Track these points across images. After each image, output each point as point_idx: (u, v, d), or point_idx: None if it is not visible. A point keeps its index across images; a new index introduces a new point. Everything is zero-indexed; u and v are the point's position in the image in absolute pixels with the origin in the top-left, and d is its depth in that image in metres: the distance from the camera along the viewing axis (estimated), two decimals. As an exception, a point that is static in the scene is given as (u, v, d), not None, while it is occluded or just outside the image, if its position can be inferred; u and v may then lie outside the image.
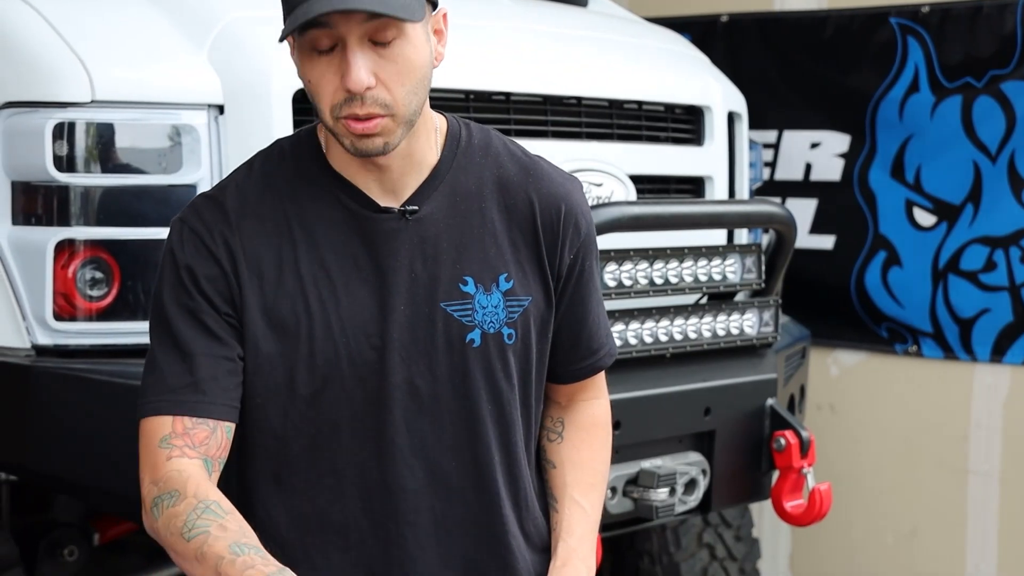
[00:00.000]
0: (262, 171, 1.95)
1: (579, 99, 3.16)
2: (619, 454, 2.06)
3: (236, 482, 1.97)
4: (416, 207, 1.92)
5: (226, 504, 1.84)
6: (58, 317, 2.69)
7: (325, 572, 1.96)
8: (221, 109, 2.74)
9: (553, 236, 1.99)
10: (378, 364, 1.91)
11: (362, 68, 1.78)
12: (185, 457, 1.86)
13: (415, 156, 1.92)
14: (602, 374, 2.18)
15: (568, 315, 2.05)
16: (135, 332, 2.71)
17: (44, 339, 2.69)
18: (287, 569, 1.74)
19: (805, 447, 3.20)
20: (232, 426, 1.91)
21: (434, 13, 1.90)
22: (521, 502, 2.04)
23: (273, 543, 1.91)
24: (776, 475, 3.26)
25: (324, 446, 1.93)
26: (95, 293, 2.70)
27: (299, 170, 1.94)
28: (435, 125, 1.96)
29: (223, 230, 1.90)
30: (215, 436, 1.89)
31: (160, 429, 1.88)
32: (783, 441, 3.20)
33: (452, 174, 1.95)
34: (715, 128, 3.43)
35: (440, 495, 1.97)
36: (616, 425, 2.81)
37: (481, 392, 1.96)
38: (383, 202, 1.92)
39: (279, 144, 1.99)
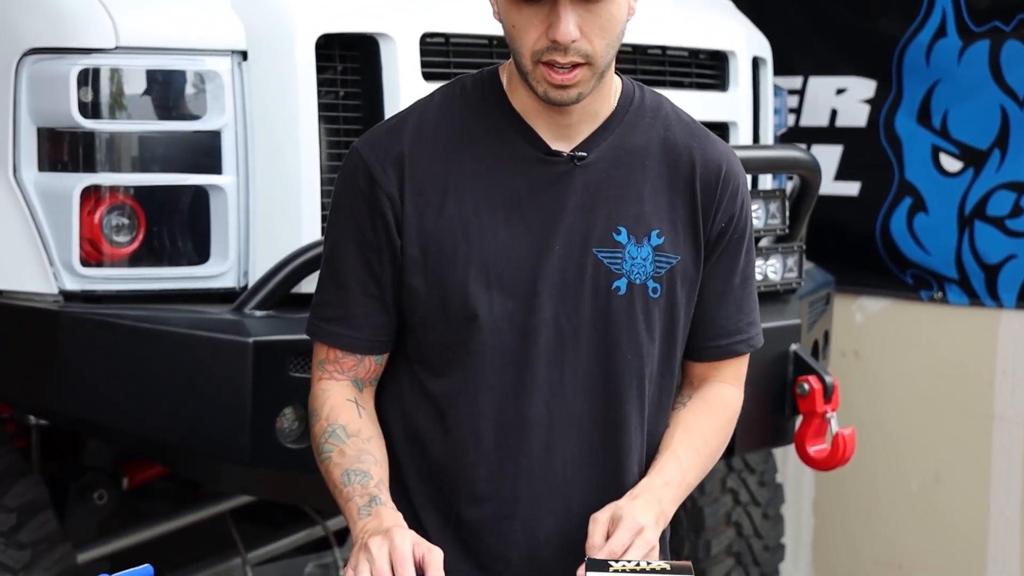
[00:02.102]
0: (443, 103, 2.03)
1: None
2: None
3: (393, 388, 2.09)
4: (585, 153, 1.98)
5: (353, 426, 2.00)
6: (85, 263, 2.71)
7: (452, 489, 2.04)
8: (244, 55, 2.75)
9: (710, 197, 2.04)
10: (528, 299, 1.98)
11: (571, 22, 1.85)
12: (333, 380, 2.04)
13: (592, 106, 1.99)
14: (741, 365, 2.18)
15: (710, 286, 2.08)
16: (161, 278, 2.74)
17: (71, 285, 2.72)
18: (380, 500, 1.91)
19: (829, 392, 3.20)
20: (383, 356, 2.06)
21: None
22: (650, 459, 2.08)
23: (407, 461, 2.05)
24: (799, 420, 3.27)
25: (469, 374, 2.00)
26: (121, 239, 2.72)
27: (479, 106, 2.01)
28: (614, 81, 2.03)
29: (396, 158, 1.97)
30: (363, 364, 2.05)
31: (319, 352, 2.06)
32: (807, 386, 3.20)
33: (622, 128, 2.02)
34: (739, 73, 3.40)
35: (570, 436, 2.02)
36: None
37: (622, 340, 2.01)
38: (555, 145, 1.99)
39: (461, 80, 2.06)
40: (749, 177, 3.36)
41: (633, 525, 1.91)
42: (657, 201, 2.02)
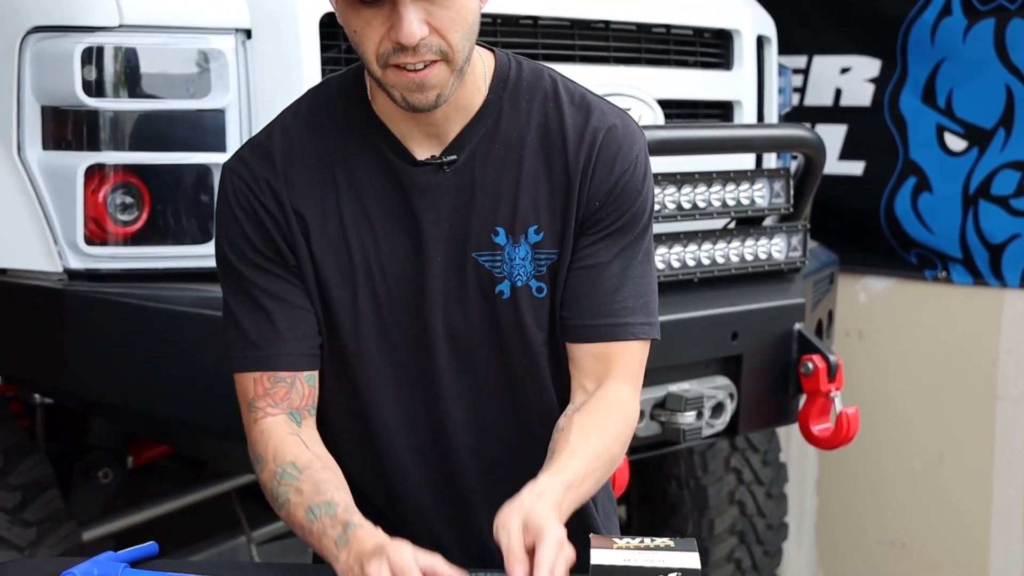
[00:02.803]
0: (307, 114, 1.94)
1: (607, 23, 3.14)
2: (647, 378, 2.06)
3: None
4: (454, 156, 1.89)
5: (302, 460, 1.88)
6: (89, 241, 2.71)
7: (395, 516, 2.00)
8: (248, 33, 2.74)
9: (584, 170, 1.90)
10: (419, 313, 1.92)
11: (414, 20, 1.73)
12: (268, 417, 1.93)
13: (460, 101, 1.88)
14: (629, 359, 1.97)
15: (582, 265, 1.92)
16: (166, 256, 2.74)
17: (76, 263, 2.72)
18: (354, 524, 1.78)
19: (833, 371, 3.20)
20: (314, 373, 1.95)
21: None
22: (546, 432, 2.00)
23: (352, 484, 1.94)
24: (803, 399, 3.27)
25: (371, 397, 1.95)
26: (126, 218, 2.72)
27: (344, 114, 1.92)
28: (482, 63, 1.91)
29: (270, 180, 1.90)
30: (295, 389, 1.94)
31: (247, 390, 1.94)
32: (811, 365, 3.20)
33: (495, 119, 1.91)
34: (744, 52, 3.40)
35: (488, 442, 1.99)
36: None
37: (514, 343, 1.95)
38: (423, 149, 1.91)
39: (327, 84, 1.99)
40: (752, 156, 3.40)
41: (554, 540, 1.70)
42: (535, 192, 1.91)
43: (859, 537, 4.62)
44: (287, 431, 1.92)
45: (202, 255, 2.76)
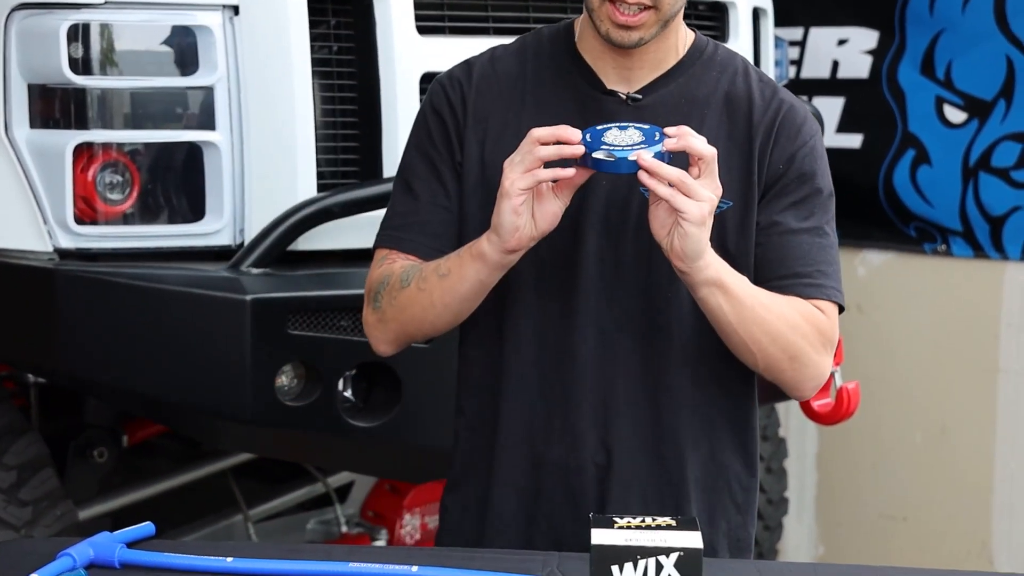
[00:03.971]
0: (518, 46, 2.08)
1: None
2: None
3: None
4: (640, 96, 1.98)
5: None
6: (79, 221, 2.70)
7: (495, 423, 2.05)
8: (236, 10, 2.74)
9: (766, 138, 1.99)
10: (573, 231, 1.98)
11: None
12: (396, 263, 2.03)
13: (656, 54, 2.00)
14: (827, 326, 2.00)
15: (769, 230, 2.00)
16: (156, 235, 2.74)
17: (66, 242, 2.71)
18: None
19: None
20: None
21: None
22: (691, 407, 2.03)
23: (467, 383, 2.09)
24: (802, 374, 3.24)
25: (511, 302, 2.01)
26: (115, 196, 2.72)
27: (548, 50, 2.05)
28: (684, 34, 2.04)
29: (464, 85, 2.04)
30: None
31: (380, 255, 2.06)
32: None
33: (686, 78, 2.02)
34: (740, 25, 3.37)
35: (607, 372, 2.01)
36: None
37: (663, 280, 1.98)
38: (614, 86, 2.00)
39: (541, 30, 2.10)
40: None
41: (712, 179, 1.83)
42: (713, 146, 1.94)
43: (860, 511, 4.61)
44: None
45: (193, 233, 2.77)
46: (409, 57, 2.77)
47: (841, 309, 2.04)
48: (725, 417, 2.07)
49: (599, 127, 1.85)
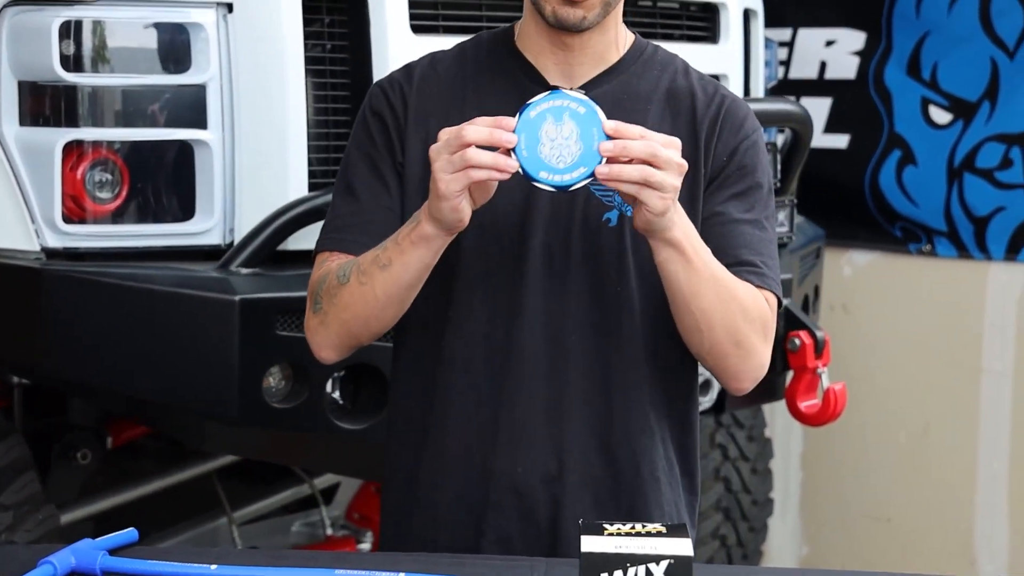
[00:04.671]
0: (458, 49, 2.10)
1: None
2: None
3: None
4: (583, 90, 1.96)
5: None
6: (67, 220, 2.68)
7: (443, 421, 2.02)
8: (230, 7, 2.72)
9: (710, 131, 2.00)
10: (518, 226, 1.97)
11: None
12: (333, 263, 2.02)
13: (598, 49, 2.01)
14: (767, 315, 2.00)
15: (711, 220, 2.00)
16: (145, 235, 2.72)
17: (54, 242, 2.69)
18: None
19: (820, 347, 3.19)
20: None
21: None
22: (644, 406, 2.02)
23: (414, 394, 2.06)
24: (790, 375, 3.25)
25: (455, 302, 2.00)
26: (104, 195, 2.69)
27: (488, 51, 2.07)
28: (624, 33, 2.06)
29: (404, 86, 2.05)
30: None
31: (320, 259, 2.05)
32: (797, 341, 3.18)
33: (627, 75, 2.03)
34: (731, 26, 3.37)
35: (557, 366, 1.99)
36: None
37: (611, 272, 1.98)
38: (556, 83, 1.99)
39: (480, 34, 2.12)
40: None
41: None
42: None
43: (844, 512, 4.62)
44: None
45: (183, 233, 2.74)
46: (403, 56, 2.63)
47: (780, 304, 2.04)
48: (674, 417, 2.07)
49: (532, 114, 1.80)
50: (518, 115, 1.81)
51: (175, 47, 2.70)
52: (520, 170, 1.81)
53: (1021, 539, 4.28)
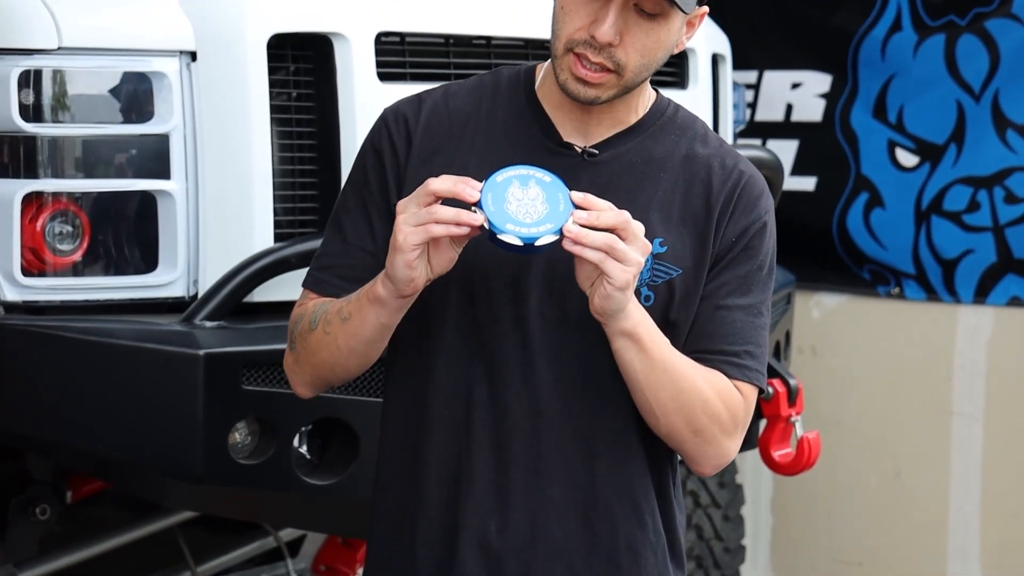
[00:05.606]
0: (474, 83, 2.03)
1: None
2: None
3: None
4: (596, 152, 1.94)
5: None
6: (27, 272, 2.63)
7: (420, 472, 1.98)
8: (193, 56, 2.69)
9: (725, 205, 1.95)
10: (515, 288, 1.92)
11: (615, 26, 1.84)
12: (310, 303, 1.99)
13: (616, 113, 1.96)
14: (741, 408, 1.96)
15: (705, 301, 1.96)
16: (106, 287, 2.68)
17: (12, 295, 2.63)
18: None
19: (793, 395, 3.16)
20: None
21: (699, 8, 1.93)
22: (626, 475, 1.96)
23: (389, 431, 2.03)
24: (763, 424, 3.22)
25: (444, 357, 1.95)
26: (64, 247, 2.65)
27: (506, 92, 2.01)
28: (646, 94, 2.00)
29: (410, 121, 1.98)
30: None
31: (303, 294, 2.01)
32: (770, 389, 3.15)
33: (644, 138, 1.98)
34: (699, 71, 3.35)
35: (538, 431, 1.94)
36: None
37: (602, 339, 1.91)
38: (570, 139, 1.96)
39: (499, 70, 2.05)
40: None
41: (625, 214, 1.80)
42: (667, 213, 1.95)
43: (815, 556, 4.62)
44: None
45: (146, 285, 2.71)
46: (370, 104, 2.72)
47: (762, 392, 2.00)
48: (653, 483, 2.00)
49: (499, 179, 1.78)
50: (484, 180, 1.79)
51: (137, 96, 2.66)
52: (485, 224, 1.77)
53: (993, 583, 4.29)
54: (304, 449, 2.69)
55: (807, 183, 4.52)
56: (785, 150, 4.52)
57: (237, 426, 2.59)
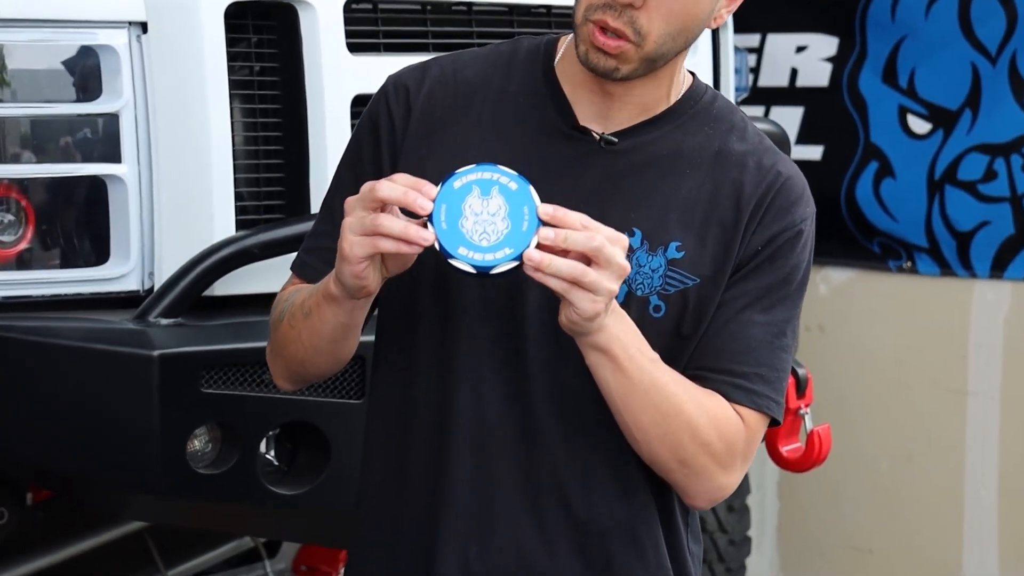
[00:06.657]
0: (488, 52, 1.91)
1: (548, 8, 2.98)
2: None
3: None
4: (615, 139, 1.79)
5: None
6: (-35, 267, 2.55)
7: (401, 486, 1.87)
8: (144, 27, 2.61)
9: (756, 208, 1.79)
10: (509, 307, 1.78)
11: None
12: (287, 291, 1.91)
13: (641, 96, 1.80)
14: (743, 437, 1.80)
15: (719, 312, 1.80)
16: (52, 281, 2.60)
17: (-50, 292, 2.55)
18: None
19: (802, 386, 3.04)
20: None
21: None
22: (626, 503, 1.81)
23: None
24: (770, 417, 3.08)
25: (419, 360, 1.83)
26: (7, 238, 2.58)
27: (522, 64, 1.87)
28: (680, 79, 1.85)
29: (411, 93, 1.85)
30: None
31: (289, 279, 1.93)
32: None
33: (672, 129, 1.82)
34: (699, 37, 3.20)
35: (528, 452, 1.80)
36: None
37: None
38: (588, 124, 1.81)
39: (519, 39, 1.92)
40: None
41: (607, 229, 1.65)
42: (690, 214, 1.79)
43: (823, 543, 4.58)
44: None
45: (97, 279, 2.62)
46: (339, 78, 2.65)
47: (775, 423, 1.81)
48: (658, 513, 1.84)
49: (456, 185, 1.60)
50: (441, 183, 1.61)
51: (83, 73, 2.58)
52: (436, 243, 1.60)
53: (1011, 572, 4.25)
54: (271, 455, 2.60)
55: (814, 152, 4.45)
56: (790, 117, 4.45)
57: (196, 432, 2.50)
